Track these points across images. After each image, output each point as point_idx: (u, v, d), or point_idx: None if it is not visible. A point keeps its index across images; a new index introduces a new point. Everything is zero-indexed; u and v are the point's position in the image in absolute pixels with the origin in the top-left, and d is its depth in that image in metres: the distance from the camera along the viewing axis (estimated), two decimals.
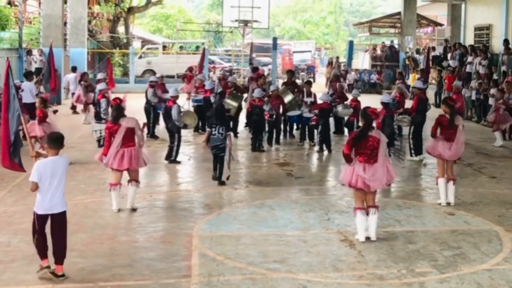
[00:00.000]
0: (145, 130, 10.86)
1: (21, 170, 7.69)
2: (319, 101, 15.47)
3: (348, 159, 7.90)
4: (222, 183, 10.96)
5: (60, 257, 6.49)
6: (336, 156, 14.05)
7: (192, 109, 17.58)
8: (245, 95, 17.70)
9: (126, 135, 9.20)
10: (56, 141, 6.58)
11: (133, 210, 9.25)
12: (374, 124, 8.13)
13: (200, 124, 16.62)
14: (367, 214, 7.87)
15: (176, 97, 13.07)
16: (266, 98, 14.95)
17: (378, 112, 8.33)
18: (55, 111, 14.18)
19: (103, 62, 23.37)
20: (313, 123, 14.98)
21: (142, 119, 13.44)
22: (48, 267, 6.48)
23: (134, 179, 9.36)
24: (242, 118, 17.71)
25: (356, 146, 7.87)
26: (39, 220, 6.46)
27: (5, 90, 7.61)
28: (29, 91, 16.25)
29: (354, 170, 7.83)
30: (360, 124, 8.13)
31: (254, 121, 14.69)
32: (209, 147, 11.04)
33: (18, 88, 14.58)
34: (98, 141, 14.36)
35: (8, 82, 7.63)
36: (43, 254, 6.51)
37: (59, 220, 6.50)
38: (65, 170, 6.54)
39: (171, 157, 12.86)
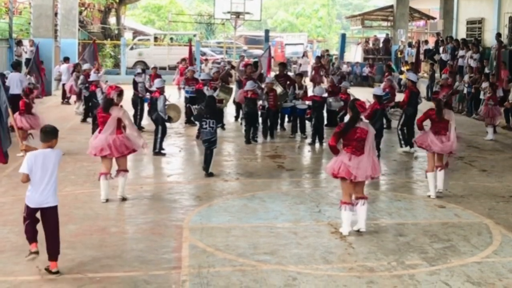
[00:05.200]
0: None
1: (3, 161, 7.50)
2: (312, 94, 15.46)
3: (334, 151, 7.90)
4: (210, 174, 10.95)
5: (53, 254, 6.38)
6: (328, 149, 13.99)
7: (183, 100, 17.55)
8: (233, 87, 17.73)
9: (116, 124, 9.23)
10: (46, 133, 6.44)
11: (123, 200, 9.23)
12: (362, 116, 8.10)
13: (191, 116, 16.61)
14: (356, 205, 7.85)
15: (162, 88, 12.98)
16: (260, 91, 14.90)
17: (366, 105, 8.30)
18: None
19: (90, 49, 23.04)
20: (308, 116, 15.00)
21: (130, 110, 13.34)
22: (37, 252, 6.37)
23: (122, 169, 9.32)
24: (230, 110, 17.72)
25: (344, 137, 7.86)
26: (30, 212, 6.37)
27: None
28: (15, 82, 15.76)
29: (339, 159, 7.84)
30: (348, 116, 8.11)
31: (247, 113, 14.66)
32: (201, 140, 11.04)
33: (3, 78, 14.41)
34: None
35: None
36: (32, 239, 6.41)
37: (51, 215, 6.39)
38: (56, 163, 6.40)
39: (156, 150, 12.80)
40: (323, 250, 7.29)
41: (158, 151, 12.77)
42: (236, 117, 17.80)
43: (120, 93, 9.57)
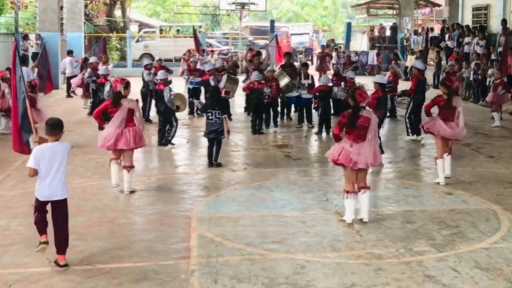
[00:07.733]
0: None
1: (26, 151, 7.73)
2: (318, 84, 15.45)
3: (338, 139, 7.90)
4: (218, 164, 10.98)
5: (62, 247, 6.39)
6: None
7: (187, 90, 17.56)
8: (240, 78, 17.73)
9: (127, 116, 9.23)
10: (53, 127, 6.40)
11: (132, 192, 9.26)
12: (364, 104, 8.03)
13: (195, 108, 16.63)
14: (358, 194, 7.85)
15: (165, 79, 12.98)
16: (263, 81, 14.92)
17: (367, 95, 8.25)
18: None
19: (99, 44, 23.18)
20: (315, 105, 14.99)
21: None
22: (46, 242, 6.40)
23: (129, 165, 9.28)
24: (238, 101, 17.71)
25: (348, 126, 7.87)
26: (40, 206, 6.41)
27: (13, 72, 7.63)
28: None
29: (340, 145, 7.84)
30: (350, 104, 8.07)
31: (254, 104, 14.69)
32: (206, 132, 11.04)
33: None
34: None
35: (15, 65, 7.63)
36: (42, 230, 6.43)
37: (60, 208, 6.40)
38: (65, 156, 6.39)
39: (169, 137, 12.81)
40: (331, 238, 7.31)
41: (169, 140, 12.79)
42: (246, 107, 17.80)
43: (127, 85, 9.54)
